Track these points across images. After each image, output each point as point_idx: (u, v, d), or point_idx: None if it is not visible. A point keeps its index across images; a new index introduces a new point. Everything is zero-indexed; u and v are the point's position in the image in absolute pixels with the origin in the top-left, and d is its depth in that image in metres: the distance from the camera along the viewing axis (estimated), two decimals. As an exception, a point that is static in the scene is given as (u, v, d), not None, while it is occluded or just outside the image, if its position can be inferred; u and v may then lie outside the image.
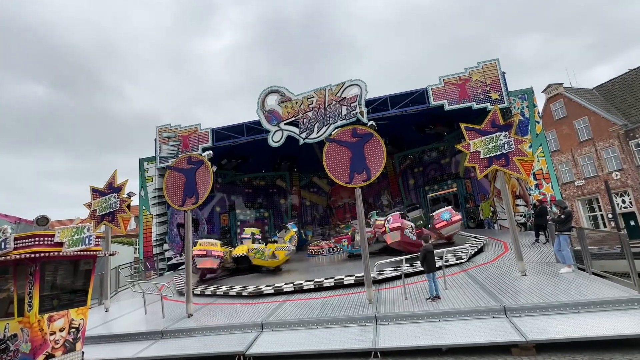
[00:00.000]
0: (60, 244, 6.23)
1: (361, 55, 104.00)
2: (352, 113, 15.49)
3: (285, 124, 16.47)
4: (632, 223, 21.54)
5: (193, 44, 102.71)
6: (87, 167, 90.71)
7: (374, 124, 9.08)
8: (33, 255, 5.80)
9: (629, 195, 21.82)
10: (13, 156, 78.90)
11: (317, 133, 15.84)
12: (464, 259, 10.12)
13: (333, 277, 9.92)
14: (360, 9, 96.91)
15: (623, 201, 22.11)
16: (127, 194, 12.09)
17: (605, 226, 23.01)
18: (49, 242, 6.11)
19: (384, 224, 12.82)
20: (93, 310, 10.55)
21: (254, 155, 21.64)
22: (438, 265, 8.03)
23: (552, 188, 14.41)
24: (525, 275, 8.00)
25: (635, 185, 21.41)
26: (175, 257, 18.34)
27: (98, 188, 12.34)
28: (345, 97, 15.83)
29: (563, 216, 8.24)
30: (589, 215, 24.33)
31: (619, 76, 25.94)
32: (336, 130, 9.67)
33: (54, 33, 79.33)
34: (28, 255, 5.75)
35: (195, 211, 19.08)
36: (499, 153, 8.66)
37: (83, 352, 6.61)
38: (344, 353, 6.17)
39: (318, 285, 9.65)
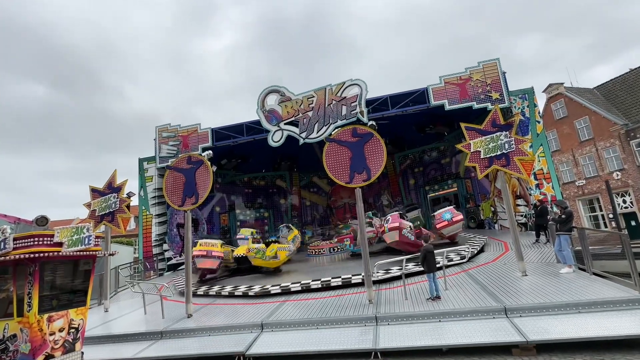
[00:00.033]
0: (60, 244, 6.22)
1: (361, 55, 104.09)
2: (352, 113, 15.46)
3: (285, 124, 16.44)
4: (633, 223, 21.50)
5: (193, 44, 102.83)
6: (87, 167, 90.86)
7: (374, 123, 9.06)
8: (32, 255, 5.78)
9: (629, 195, 21.78)
10: (13, 156, 79.03)
11: (317, 133, 15.81)
12: (464, 259, 10.11)
13: (340, 276, 9.90)
14: (360, 9, 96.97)
15: (624, 201, 22.07)
16: (127, 194, 12.09)
17: (606, 226, 22.96)
18: (49, 242, 6.10)
19: (382, 224, 12.81)
20: (92, 311, 10.55)
21: (254, 155, 21.60)
22: (439, 265, 8.02)
23: (553, 188, 14.37)
24: (526, 275, 7.99)
25: (636, 185, 21.37)
26: (175, 257, 18.33)
27: (97, 188, 12.34)
28: (345, 97, 15.80)
29: (564, 216, 8.23)
30: (590, 215, 24.29)
31: (619, 76, 25.89)
32: (336, 130, 9.65)
33: (54, 33, 79.45)
34: (27, 256, 5.74)
35: (195, 211, 19.05)
36: (499, 153, 8.65)
37: (82, 353, 6.60)
38: (344, 353, 6.15)
39: (325, 285, 9.64)
